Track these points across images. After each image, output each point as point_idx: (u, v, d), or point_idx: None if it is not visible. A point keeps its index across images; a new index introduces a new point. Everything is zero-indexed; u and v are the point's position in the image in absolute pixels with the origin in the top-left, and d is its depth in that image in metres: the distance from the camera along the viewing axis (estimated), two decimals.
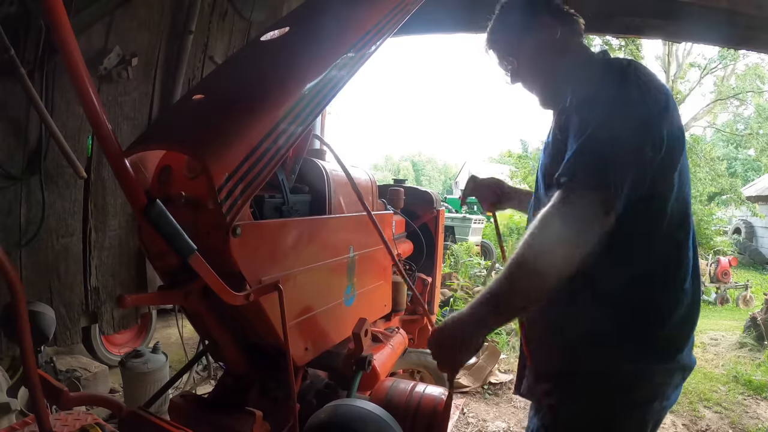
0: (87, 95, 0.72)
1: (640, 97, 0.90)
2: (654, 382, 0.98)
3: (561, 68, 1.10)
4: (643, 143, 0.87)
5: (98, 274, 2.52)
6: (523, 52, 1.15)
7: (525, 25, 1.13)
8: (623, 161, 0.86)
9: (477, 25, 3.74)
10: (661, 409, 1.01)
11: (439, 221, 2.39)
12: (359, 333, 1.30)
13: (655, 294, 0.97)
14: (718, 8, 2.90)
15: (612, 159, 0.85)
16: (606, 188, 0.84)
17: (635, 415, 0.99)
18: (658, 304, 0.97)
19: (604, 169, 0.85)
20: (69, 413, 1.34)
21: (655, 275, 0.97)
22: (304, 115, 1.07)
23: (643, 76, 0.93)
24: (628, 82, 0.91)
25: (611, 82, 0.93)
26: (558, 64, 1.12)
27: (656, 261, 0.96)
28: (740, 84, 14.36)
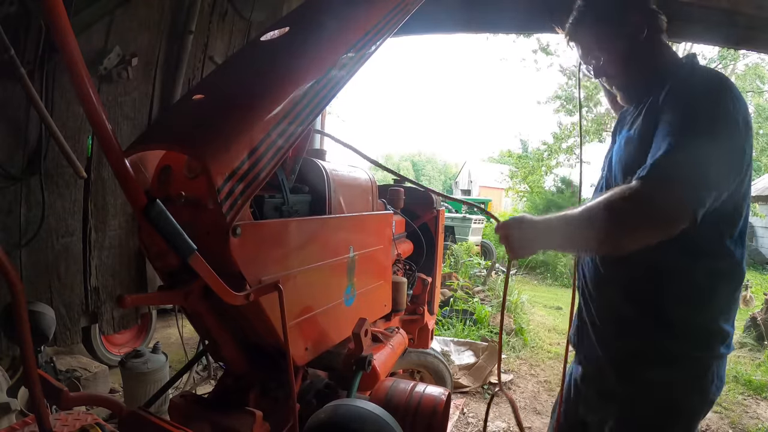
0: (87, 95, 0.72)
1: (734, 116, 0.93)
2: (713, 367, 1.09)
3: (650, 65, 1.13)
4: (732, 168, 0.94)
5: (98, 274, 2.52)
6: (612, 48, 1.16)
7: (615, 22, 1.14)
8: (712, 183, 0.91)
9: (477, 25, 3.73)
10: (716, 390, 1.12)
11: (439, 221, 2.39)
12: (359, 333, 1.30)
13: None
14: (719, 8, 2.89)
15: (705, 178, 0.90)
16: (691, 206, 0.88)
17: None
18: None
19: (697, 186, 0.89)
20: (69, 413, 1.34)
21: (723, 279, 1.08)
22: (304, 115, 1.07)
23: (737, 93, 0.97)
24: (726, 97, 0.95)
25: (711, 93, 0.97)
26: (648, 60, 1.14)
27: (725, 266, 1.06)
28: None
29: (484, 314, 5.03)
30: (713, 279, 1.06)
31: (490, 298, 5.78)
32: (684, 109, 0.96)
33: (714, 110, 0.94)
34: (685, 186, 0.90)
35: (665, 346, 1.09)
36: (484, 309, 5.11)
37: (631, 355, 1.13)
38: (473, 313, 5.09)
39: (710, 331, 1.08)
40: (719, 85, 0.98)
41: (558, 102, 13.15)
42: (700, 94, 0.97)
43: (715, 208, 0.95)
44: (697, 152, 0.90)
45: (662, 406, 1.12)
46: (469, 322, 4.91)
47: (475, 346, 3.96)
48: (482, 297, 5.75)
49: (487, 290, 6.08)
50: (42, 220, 2.18)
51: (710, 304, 1.08)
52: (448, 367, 2.24)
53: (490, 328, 4.86)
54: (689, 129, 0.93)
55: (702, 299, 1.07)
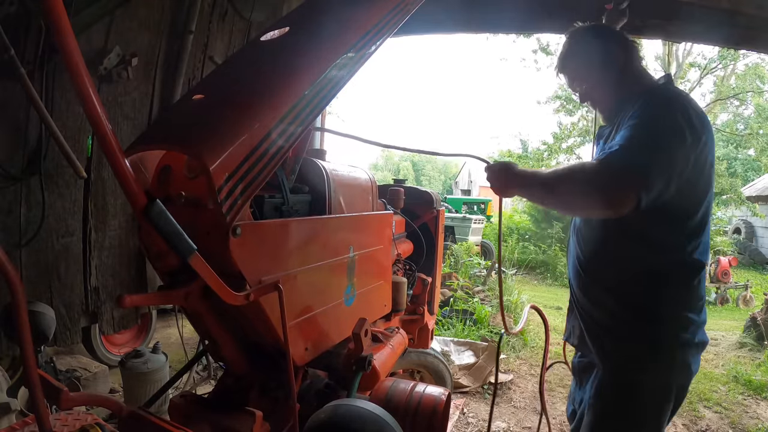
0: (87, 95, 0.72)
1: (681, 127, 1.10)
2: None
3: (627, 90, 1.29)
4: (674, 169, 1.08)
5: (98, 274, 2.52)
6: (592, 78, 1.36)
7: (594, 55, 1.33)
8: (657, 175, 1.06)
9: (477, 25, 3.73)
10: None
11: (439, 221, 2.39)
12: (359, 333, 1.30)
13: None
14: (719, 8, 2.89)
15: (650, 169, 1.06)
16: (636, 184, 1.04)
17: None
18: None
19: (643, 172, 1.06)
20: (69, 413, 1.34)
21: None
22: (304, 115, 1.07)
23: (690, 111, 1.13)
24: (677, 111, 1.13)
25: (663, 107, 1.16)
26: (625, 87, 1.31)
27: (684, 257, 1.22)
28: (740, 84, 14.34)
29: (484, 314, 5.02)
30: (668, 269, 1.23)
31: (490, 298, 5.78)
32: (639, 119, 1.14)
33: (662, 121, 1.13)
34: (632, 168, 1.07)
35: (628, 327, 1.27)
36: (484, 309, 5.11)
37: (604, 330, 1.32)
38: (473, 313, 5.08)
39: (668, 317, 1.24)
40: (673, 102, 1.17)
41: (558, 102, 13.13)
42: (653, 108, 1.16)
43: (665, 205, 1.11)
44: (644, 150, 1.08)
45: (622, 382, 1.29)
46: (469, 322, 4.91)
47: (475, 346, 3.96)
48: (482, 297, 5.75)
49: (487, 290, 6.08)
50: (42, 220, 2.18)
51: (666, 291, 1.23)
52: (448, 367, 2.24)
53: (490, 328, 4.86)
54: (640, 132, 1.11)
55: (657, 287, 1.23)
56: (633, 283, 1.26)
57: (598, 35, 1.37)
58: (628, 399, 1.28)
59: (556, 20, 3.26)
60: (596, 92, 1.38)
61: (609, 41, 1.34)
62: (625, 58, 1.32)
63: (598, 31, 1.41)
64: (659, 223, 1.18)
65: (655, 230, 1.20)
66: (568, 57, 1.40)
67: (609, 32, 1.40)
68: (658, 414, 1.27)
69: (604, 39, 1.35)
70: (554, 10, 3.15)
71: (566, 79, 1.44)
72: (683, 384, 1.29)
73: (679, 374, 1.27)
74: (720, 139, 22.83)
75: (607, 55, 1.32)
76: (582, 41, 1.38)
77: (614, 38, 1.35)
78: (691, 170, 1.11)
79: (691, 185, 1.14)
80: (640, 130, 1.11)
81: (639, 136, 1.10)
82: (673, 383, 1.27)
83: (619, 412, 1.30)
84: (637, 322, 1.27)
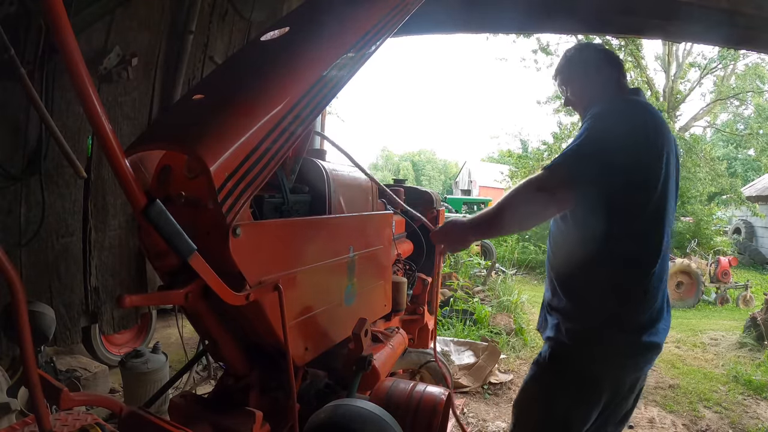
0: (87, 95, 0.72)
1: (620, 134, 1.23)
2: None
3: (595, 100, 1.44)
4: (611, 169, 1.20)
5: (98, 274, 2.52)
6: (572, 87, 1.55)
7: (577, 65, 1.53)
8: (591, 173, 1.21)
9: (476, 25, 3.73)
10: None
11: (439, 221, 2.39)
12: (359, 333, 1.30)
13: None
14: (718, 8, 2.90)
15: (585, 168, 1.22)
16: (572, 180, 1.23)
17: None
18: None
19: (578, 172, 1.23)
20: (69, 413, 1.33)
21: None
22: (304, 115, 1.07)
23: (635, 120, 1.27)
24: (618, 121, 1.27)
25: (609, 116, 1.29)
26: (592, 97, 1.47)
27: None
28: (740, 84, 14.34)
29: (484, 314, 5.02)
30: (596, 262, 1.31)
31: (490, 298, 5.78)
32: (585, 128, 1.28)
33: (603, 128, 1.26)
34: (569, 169, 1.23)
35: (567, 313, 1.38)
36: (484, 309, 5.11)
37: (552, 309, 1.44)
38: (473, 313, 5.08)
39: (599, 311, 1.32)
40: (618, 112, 1.31)
41: (558, 102, 13.12)
42: (600, 116, 1.29)
43: (603, 205, 1.23)
44: (576, 156, 1.24)
45: (552, 358, 1.39)
46: (469, 322, 4.91)
47: (475, 346, 3.96)
48: (482, 297, 5.75)
49: (487, 290, 6.08)
50: (42, 220, 2.18)
51: (596, 284, 1.32)
52: (448, 367, 2.24)
53: (490, 328, 4.86)
54: (578, 141, 1.26)
55: (586, 279, 1.34)
56: (570, 274, 1.39)
57: (584, 50, 1.56)
58: (552, 376, 1.39)
59: (555, 20, 3.26)
60: (575, 98, 1.56)
61: (593, 56, 1.51)
62: (604, 72, 1.48)
63: (587, 46, 1.63)
64: (601, 221, 1.26)
65: (597, 226, 1.27)
66: (559, 67, 1.59)
67: (595, 49, 1.59)
68: (577, 401, 1.33)
69: (588, 53, 1.53)
70: (554, 10, 3.15)
71: (557, 85, 1.63)
72: (618, 381, 1.34)
73: (610, 370, 1.32)
74: (720, 139, 22.85)
75: (587, 67, 1.50)
76: (571, 52, 1.57)
77: (598, 54, 1.53)
78: (630, 173, 1.21)
79: (633, 188, 1.24)
80: (579, 139, 1.26)
81: (576, 145, 1.25)
82: (601, 377, 1.32)
83: (542, 384, 1.42)
84: (575, 309, 1.36)
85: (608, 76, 1.48)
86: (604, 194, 1.23)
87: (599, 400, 1.33)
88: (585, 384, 1.33)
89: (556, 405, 1.35)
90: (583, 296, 1.36)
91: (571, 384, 1.34)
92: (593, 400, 1.33)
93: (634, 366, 1.34)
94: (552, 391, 1.38)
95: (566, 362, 1.36)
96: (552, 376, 1.39)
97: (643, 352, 1.32)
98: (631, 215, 1.27)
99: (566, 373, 1.35)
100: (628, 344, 1.31)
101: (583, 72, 1.51)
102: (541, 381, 1.43)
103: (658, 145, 1.27)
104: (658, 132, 1.28)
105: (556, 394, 1.37)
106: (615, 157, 1.20)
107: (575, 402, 1.33)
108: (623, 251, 1.28)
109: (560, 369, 1.37)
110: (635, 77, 13.06)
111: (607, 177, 1.21)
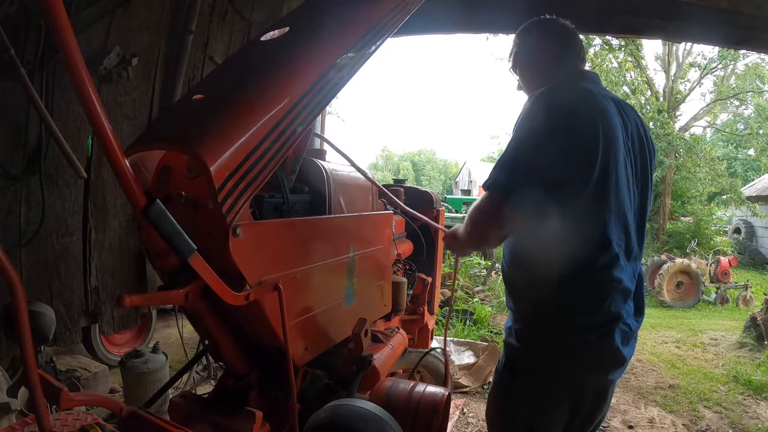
0: (87, 95, 0.72)
1: (540, 124, 1.16)
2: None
3: (539, 85, 1.29)
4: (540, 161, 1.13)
5: (98, 274, 2.52)
6: (518, 69, 1.46)
7: (523, 48, 1.42)
8: (516, 177, 1.16)
9: (476, 25, 3.73)
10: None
11: (439, 221, 2.39)
12: (359, 333, 1.30)
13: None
14: (718, 8, 2.89)
15: (509, 174, 1.17)
16: (501, 194, 1.17)
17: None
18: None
19: (505, 180, 1.17)
20: (69, 413, 1.33)
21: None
22: (304, 114, 1.07)
23: (550, 110, 1.17)
24: (538, 113, 1.18)
25: (529, 111, 1.20)
26: (533, 81, 1.39)
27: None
28: (740, 84, 14.35)
29: (484, 314, 5.02)
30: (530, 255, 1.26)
31: (490, 298, 5.78)
32: (515, 129, 1.22)
33: (524, 126, 1.20)
34: (500, 185, 1.17)
35: (512, 310, 1.34)
36: (484, 309, 5.11)
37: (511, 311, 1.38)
38: (473, 313, 5.09)
39: (534, 304, 1.26)
40: (535, 104, 1.20)
41: None
42: (523, 114, 1.22)
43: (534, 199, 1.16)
44: (504, 167, 1.18)
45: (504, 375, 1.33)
46: (469, 322, 4.91)
47: (475, 346, 3.96)
48: (482, 297, 5.75)
49: (487, 290, 6.08)
50: (42, 220, 2.18)
51: (537, 277, 1.23)
52: (449, 360, 2.23)
53: (490, 328, 4.86)
54: (507, 148, 1.21)
55: (515, 263, 1.31)
56: (512, 270, 1.35)
57: (532, 30, 1.43)
58: (509, 382, 1.31)
59: None
60: (523, 84, 1.46)
61: (540, 36, 1.39)
62: (549, 55, 1.36)
63: (534, 25, 1.44)
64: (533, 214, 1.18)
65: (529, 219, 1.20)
66: (512, 47, 1.48)
67: (545, 27, 1.41)
68: (537, 407, 1.25)
69: (536, 34, 1.41)
70: (554, 10, 3.14)
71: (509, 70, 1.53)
72: (578, 384, 1.24)
73: (563, 371, 1.22)
74: (720, 139, 22.85)
75: (532, 51, 1.39)
76: (519, 34, 1.45)
77: (546, 33, 1.39)
78: (563, 162, 1.13)
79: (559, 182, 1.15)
80: (508, 145, 1.21)
81: (505, 154, 1.20)
82: (557, 379, 1.23)
83: (501, 392, 1.37)
84: (518, 308, 1.31)
85: (550, 57, 1.36)
86: (532, 192, 1.15)
87: (560, 404, 1.24)
88: (541, 388, 1.25)
89: (518, 413, 1.29)
90: (521, 291, 1.31)
91: (528, 389, 1.27)
92: (554, 405, 1.25)
93: (587, 369, 1.23)
94: (512, 398, 1.31)
95: (520, 366, 1.29)
96: (509, 383, 1.32)
97: (594, 353, 1.20)
98: (564, 204, 1.16)
99: (521, 378, 1.28)
100: (578, 342, 1.20)
101: (529, 55, 1.40)
102: (500, 389, 1.37)
103: (588, 134, 1.15)
104: (590, 118, 1.16)
105: (517, 401, 1.30)
106: (538, 159, 1.14)
107: (536, 408, 1.26)
108: (556, 242, 1.18)
109: (515, 374, 1.30)
110: (635, 77, 13.07)
111: (532, 180, 1.15)
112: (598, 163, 1.15)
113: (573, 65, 1.37)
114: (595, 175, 1.15)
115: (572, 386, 1.24)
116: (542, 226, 1.17)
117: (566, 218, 1.16)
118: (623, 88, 12.82)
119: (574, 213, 1.16)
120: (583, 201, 1.16)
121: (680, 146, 12.27)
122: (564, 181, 1.14)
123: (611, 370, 1.24)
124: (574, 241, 1.18)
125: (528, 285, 1.29)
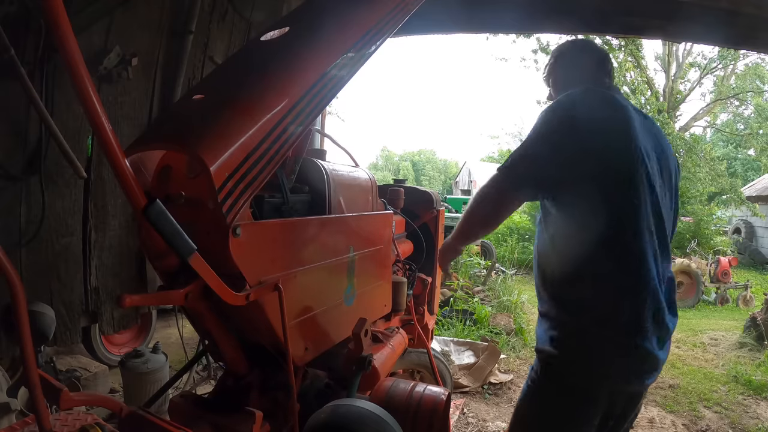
0: (87, 95, 0.72)
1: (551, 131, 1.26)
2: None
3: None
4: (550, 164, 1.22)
5: (98, 274, 2.52)
6: (552, 80, 1.58)
7: (557, 60, 1.56)
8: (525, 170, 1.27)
9: (477, 25, 3.73)
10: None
11: (439, 221, 2.39)
12: (359, 333, 1.30)
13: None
14: (719, 8, 2.89)
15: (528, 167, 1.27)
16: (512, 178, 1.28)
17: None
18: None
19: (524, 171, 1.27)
20: (69, 413, 1.33)
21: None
22: (304, 115, 1.07)
23: (564, 114, 1.26)
24: (550, 117, 1.28)
25: (545, 114, 1.30)
26: (559, 93, 1.48)
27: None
28: (740, 84, 14.35)
29: (484, 314, 5.02)
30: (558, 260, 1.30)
31: (490, 298, 5.78)
32: (532, 128, 1.31)
33: (540, 128, 1.28)
34: (516, 169, 1.27)
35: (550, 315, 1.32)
36: (484, 309, 5.11)
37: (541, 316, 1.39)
38: (473, 313, 5.08)
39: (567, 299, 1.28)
40: (556, 109, 1.30)
41: None
42: (540, 117, 1.30)
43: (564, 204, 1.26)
44: (518, 158, 1.28)
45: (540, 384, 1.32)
46: (469, 322, 4.91)
47: (475, 346, 3.96)
48: (482, 297, 5.75)
49: (487, 290, 6.08)
50: (42, 220, 2.18)
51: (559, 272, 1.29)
52: (448, 367, 2.24)
53: (490, 328, 4.86)
54: (523, 143, 1.31)
55: (551, 266, 1.32)
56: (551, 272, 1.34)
57: (570, 46, 1.57)
58: (544, 392, 1.31)
59: (555, 20, 3.26)
60: (555, 95, 1.57)
61: (577, 53, 1.52)
62: (583, 70, 1.47)
63: (573, 42, 1.62)
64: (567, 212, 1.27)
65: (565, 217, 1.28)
66: (549, 59, 1.61)
67: (582, 45, 1.58)
68: (570, 418, 1.25)
69: (573, 50, 1.54)
70: (554, 10, 3.15)
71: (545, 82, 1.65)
72: (618, 389, 1.25)
73: (600, 379, 1.22)
74: (720, 139, 22.84)
75: (568, 64, 1.51)
76: (558, 48, 1.60)
77: (582, 50, 1.52)
78: (578, 168, 1.19)
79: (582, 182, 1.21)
80: (524, 141, 1.31)
81: (520, 147, 1.31)
82: (592, 389, 1.23)
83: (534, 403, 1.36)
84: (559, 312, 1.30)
85: (584, 72, 1.46)
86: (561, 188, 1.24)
87: (594, 415, 1.24)
88: (576, 398, 1.24)
89: (549, 424, 1.28)
90: (564, 294, 1.29)
91: (562, 399, 1.25)
92: (587, 417, 1.24)
93: (626, 375, 1.23)
94: (544, 410, 1.30)
95: (555, 375, 1.27)
96: (546, 386, 1.30)
97: (634, 358, 1.21)
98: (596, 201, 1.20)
99: (556, 388, 1.27)
100: (617, 346, 1.20)
101: (565, 68, 1.52)
102: (531, 400, 1.34)
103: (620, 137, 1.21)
104: (621, 120, 1.23)
105: (548, 413, 1.29)
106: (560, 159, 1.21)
107: (569, 420, 1.25)
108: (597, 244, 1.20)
109: (551, 384, 1.28)
110: (635, 77, 13.06)
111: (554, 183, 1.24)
112: (630, 168, 1.20)
113: (603, 83, 1.46)
114: (628, 178, 1.20)
115: (608, 391, 1.24)
116: (584, 228, 1.22)
117: (598, 220, 1.20)
118: (623, 88, 12.81)
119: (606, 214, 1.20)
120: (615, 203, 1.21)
121: (680, 146, 12.26)
122: (597, 179, 1.19)
123: (648, 375, 1.26)
124: (612, 244, 1.20)
125: (568, 290, 1.28)
